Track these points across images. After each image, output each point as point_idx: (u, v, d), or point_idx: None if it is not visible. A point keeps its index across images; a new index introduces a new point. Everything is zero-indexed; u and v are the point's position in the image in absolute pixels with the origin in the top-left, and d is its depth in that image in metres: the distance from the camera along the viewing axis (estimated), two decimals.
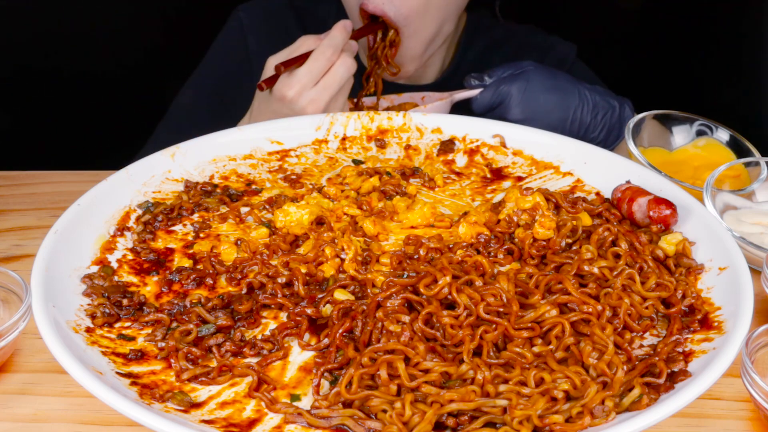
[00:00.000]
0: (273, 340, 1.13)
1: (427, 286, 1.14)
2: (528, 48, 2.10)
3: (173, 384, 1.06)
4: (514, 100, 1.65)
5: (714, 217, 1.30)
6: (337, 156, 1.57)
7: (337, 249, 1.28)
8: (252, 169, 1.52)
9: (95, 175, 1.53)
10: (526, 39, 2.13)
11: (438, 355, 1.06)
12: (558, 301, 1.12)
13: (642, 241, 1.27)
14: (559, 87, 1.67)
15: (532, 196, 1.34)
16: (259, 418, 1.01)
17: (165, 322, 1.15)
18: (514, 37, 2.13)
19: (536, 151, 1.54)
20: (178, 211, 1.39)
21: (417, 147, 1.60)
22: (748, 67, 2.27)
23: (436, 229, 1.37)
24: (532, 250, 1.27)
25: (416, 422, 0.96)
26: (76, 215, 1.28)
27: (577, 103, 1.69)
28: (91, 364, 1.04)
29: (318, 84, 1.60)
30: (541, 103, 1.66)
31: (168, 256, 1.30)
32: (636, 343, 1.11)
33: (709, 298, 1.17)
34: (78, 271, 1.23)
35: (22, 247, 1.40)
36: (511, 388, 1.00)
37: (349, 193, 1.43)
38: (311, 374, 1.07)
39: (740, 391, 1.09)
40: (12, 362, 1.15)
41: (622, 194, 1.36)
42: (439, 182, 1.50)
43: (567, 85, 1.69)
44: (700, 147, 1.62)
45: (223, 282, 1.25)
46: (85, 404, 1.07)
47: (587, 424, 0.96)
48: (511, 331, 1.08)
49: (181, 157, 1.49)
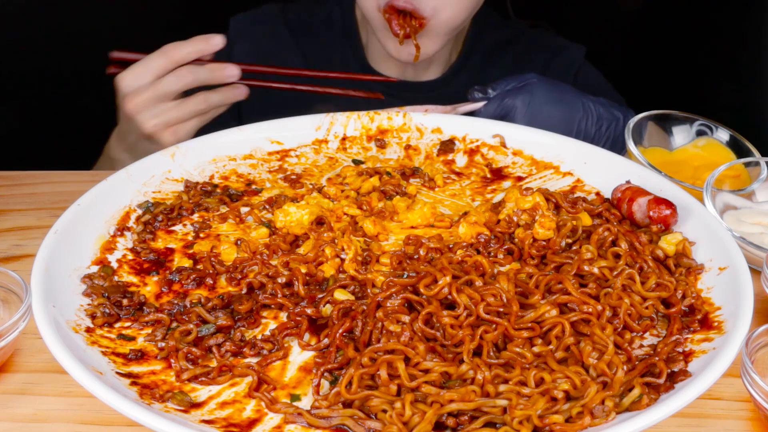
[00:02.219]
0: (273, 340, 1.13)
1: (427, 286, 1.14)
2: (536, 49, 2.09)
3: (173, 384, 1.06)
4: (518, 113, 1.65)
5: (714, 217, 1.30)
6: (337, 156, 1.57)
7: (337, 249, 1.28)
8: (252, 169, 1.52)
9: (95, 175, 1.53)
10: (534, 40, 2.11)
11: (438, 355, 1.06)
12: (558, 301, 1.12)
13: (642, 241, 1.27)
14: (563, 99, 1.67)
15: (532, 196, 1.34)
16: (259, 418, 1.01)
17: (165, 322, 1.15)
18: (521, 37, 2.11)
19: (536, 151, 1.54)
20: (178, 211, 1.39)
21: (417, 147, 1.60)
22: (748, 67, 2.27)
23: (436, 229, 1.37)
24: (532, 250, 1.27)
25: (416, 422, 0.96)
26: (76, 215, 1.28)
27: (581, 115, 1.68)
28: (91, 364, 1.04)
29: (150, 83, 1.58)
30: (545, 115, 1.65)
31: (168, 256, 1.30)
32: (636, 343, 1.11)
33: (709, 298, 1.17)
34: (78, 271, 1.23)
35: (22, 247, 1.40)
36: (511, 388, 1.00)
37: (349, 193, 1.43)
38: (311, 374, 1.07)
39: (740, 391, 1.09)
40: (12, 362, 1.15)
41: (622, 194, 1.36)
42: (439, 182, 1.50)
43: (571, 98, 1.69)
44: (700, 147, 1.62)
45: (223, 282, 1.25)
46: (85, 404, 1.07)
47: (587, 424, 0.96)
48: (511, 331, 1.08)
49: (181, 157, 1.49)
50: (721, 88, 2.38)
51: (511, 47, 2.09)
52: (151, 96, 1.58)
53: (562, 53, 2.08)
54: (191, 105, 1.61)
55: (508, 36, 2.10)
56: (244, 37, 2.05)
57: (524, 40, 2.11)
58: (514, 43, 2.10)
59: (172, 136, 1.61)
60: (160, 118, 1.60)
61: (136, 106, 1.59)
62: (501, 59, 2.06)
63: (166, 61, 1.58)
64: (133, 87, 1.59)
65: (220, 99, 1.63)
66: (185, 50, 1.59)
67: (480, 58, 2.06)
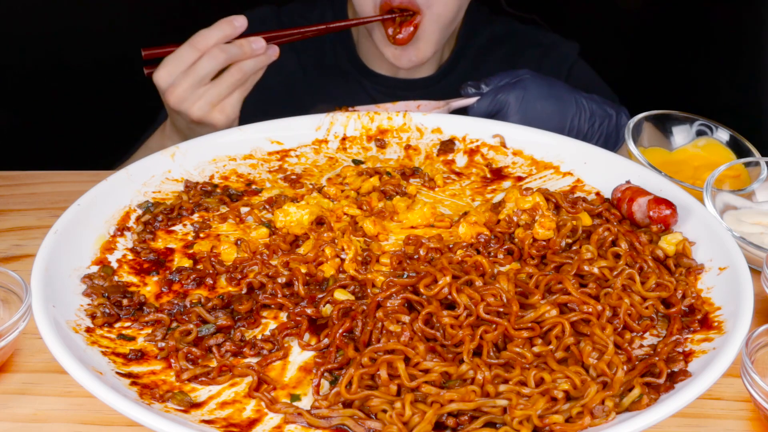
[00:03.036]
0: (273, 340, 1.13)
1: (427, 286, 1.14)
2: (529, 46, 2.09)
3: (173, 384, 1.06)
4: (512, 109, 1.65)
5: (714, 217, 1.30)
6: (337, 156, 1.57)
7: (337, 249, 1.28)
8: (252, 169, 1.52)
9: (95, 175, 1.53)
10: (527, 36, 2.12)
11: (438, 355, 1.06)
12: (558, 301, 1.12)
13: (642, 241, 1.27)
14: (556, 96, 1.67)
15: (532, 196, 1.34)
16: (259, 418, 1.01)
17: (165, 322, 1.15)
18: (514, 33, 2.12)
19: (536, 151, 1.54)
20: (178, 211, 1.39)
21: (417, 147, 1.60)
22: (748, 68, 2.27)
23: (436, 229, 1.37)
24: (532, 250, 1.27)
25: (416, 422, 0.96)
26: (76, 215, 1.28)
27: (574, 112, 1.69)
28: (91, 364, 1.04)
29: (185, 72, 1.60)
30: (538, 111, 1.65)
31: (168, 256, 1.30)
32: (636, 343, 1.11)
33: (709, 298, 1.17)
34: (78, 271, 1.23)
35: (22, 247, 1.40)
36: (511, 388, 1.00)
37: (349, 193, 1.43)
38: (311, 374, 1.07)
39: (740, 391, 1.09)
40: (12, 362, 1.15)
41: (622, 194, 1.36)
42: (439, 182, 1.50)
43: (564, 94, 1.69)
44: (700, 147, 1.62)
45: (223, 282, 1.25)
46: (85, 404, 1.07)
47: (587, 424, 0.96)
48: (511, 331, 1.08)
49: (181, 157, 1.49)
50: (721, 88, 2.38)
51: (504, 44, 2.09)
52: (189, 84, 1.60)
53: (555, 49, 2.09)
54: (228, 79, 1.62)
55: (500, 32, 2.10)
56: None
57: (517, 37, 2.11)
58: (507, 40, 2.10)
59: (221, 114, 1.63)
60: (203, 101, 1.61)
61: (177, 98, 1.61)
62: (493, 55, 2.07)
63: (196, 51, 1.60)
64: (169, 81, 1.61)
65: (253, 65, 1.63)
66: (213, 37, 1.60)
67: (472, 54, 2.06)
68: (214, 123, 1.62)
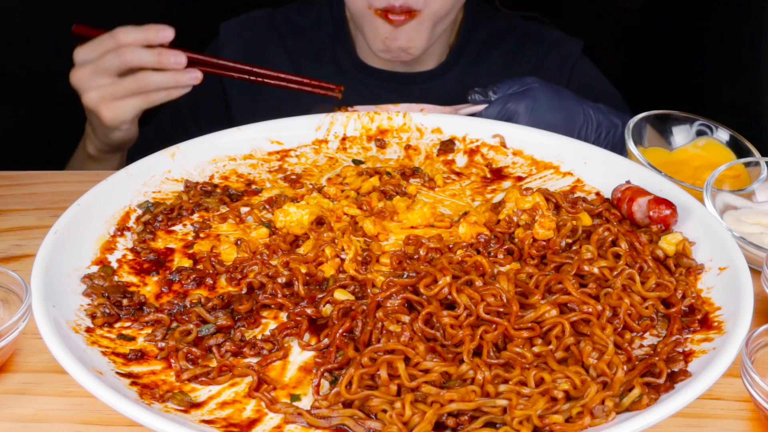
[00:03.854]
0: (273, 340, 1.13)
1: (427, 286, 1.14)
2: (532, 42, 2.08)
3: (173, 384, 1.06)
4: (521, 119, 1.65)
5: (714, 217, 1.30)
6: (337, 156, 1.57)
7: (337, 249, 1.28)
8: (252, 169, 1.52)
9: (95, 175, 1.53)
10: (530, 32, 2.11)
11: (438, 355, 1.06)
12: (558, 301, 1.12)
13: (642, 241, 1.27)
14: (564, 107, 1.68)
15: (532, 196, 1.34)
16: (259, 418, 1.01)
17: (165, 322, 1.15)
18: (516, 28, 2.11)
19: (536, 151, 1.54)
20: (178, 211, 1.39)
21: (417, 147, 1.60)
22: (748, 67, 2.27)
23: (436, 229, 1.37)
24: (532, 250, 1.27)
25: (416, 422, 0.96)
26: (76, 215, 1.28)
27: (581, 123, 1.69)
28: (91, 364, 1.04)
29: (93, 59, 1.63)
30: (547, 122, 1.65)
31: (168, 256, 1.30)
32: (636, 343, 1.11)
33: (709, 298, 1.17)
34: (78, 271, 1.23)
35: (22, 247, 1.40)
36: (511, 388, 1.00)
37: (349, 193, 1.43)
38: (311, 374, 1.07)
39: (740, 391, 1.09)
40: (12, 362, 1.15)
41: (622, 194, 1.36)
42: (439, 182, 1.50)
43: (572, 105, 1.69)
44: (700, 147, 1.62)
45: (223, 282, 1.25)
46: (85, 404, 1.07)
47: (587, 424, 0.96)
48: (511, 331, 1.08)
49: (181, 157, 1.49)
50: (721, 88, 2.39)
51: (506, 39, 2.08)
52: (90, 70, 1.63)
53: (559, 46, 2.08)
54: (128, 82, 1.63)
55: (502, 27, 2.09)
56: (233, 42, 2.07)
57: (519, 32, 2.10)
58: (509, 35, 2.09)
59: (109, 111, 1.64)
60: (96, 92, 1.64)
61: (76, 79, 1.65)
62: (496, 51, 2.06)
63: (114, 42, 1.63)
64: (80, 61, 1.65)
65: (162, 80, 1.63)
66: (133, 35, 1.63)
67: (474, 49, 2.05)
68: (101, 117, 1.65)
